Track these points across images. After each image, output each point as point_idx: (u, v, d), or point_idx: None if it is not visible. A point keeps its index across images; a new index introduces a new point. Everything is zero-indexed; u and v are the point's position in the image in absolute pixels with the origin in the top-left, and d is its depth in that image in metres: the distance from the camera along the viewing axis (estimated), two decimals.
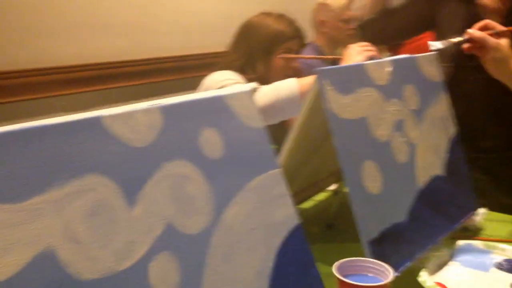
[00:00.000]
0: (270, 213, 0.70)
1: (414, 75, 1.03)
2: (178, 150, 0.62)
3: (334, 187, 1.34)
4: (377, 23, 1.54)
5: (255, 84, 0.76)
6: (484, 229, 1.08)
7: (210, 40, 2.32)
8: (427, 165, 0.98)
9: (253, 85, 0.76)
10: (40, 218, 0.49)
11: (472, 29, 1.06)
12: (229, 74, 1.41)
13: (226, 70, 1.45)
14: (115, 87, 2.04)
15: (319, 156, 1.06)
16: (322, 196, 1.35)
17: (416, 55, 1.06)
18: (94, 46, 1.97)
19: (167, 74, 2.24)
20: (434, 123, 1.04)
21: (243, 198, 0.67)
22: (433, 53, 1.11)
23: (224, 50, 1.58)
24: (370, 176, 0.83)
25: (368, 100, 0.88)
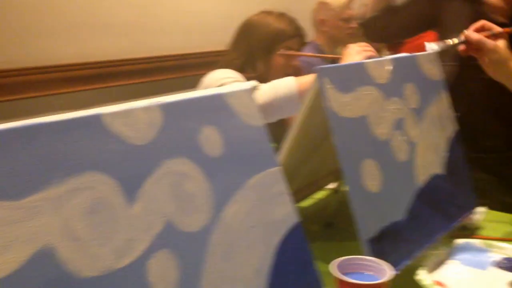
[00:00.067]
0: (269, 211, 0.70)
1: (415, 74, 1.03)
2: (177, 148, 0.62)
3: (333, 186, 1.34)
4: (379, 21, 1.52)
5: (255, 82, 0.76)
6: (483, 227, 1.08)
7: (210, 38, 2.32)
8: (427, 163, 0.98)
9: (253, 83, 0.76)
10: (39, 215, 0.49)
11: (468, 30, 1.05)
12: (228, 73, 1.41)
13: (226, 68, 1.45)
14: (115, 86, 2.04)
15: (319, 154, 1.06)
16: (321, 194, 1.35)
17: (416, 54, 1.06)
18: (95, 45, 1.97)
19: (168, 72, 2.24)
20: (434, 122, 1.04)
21: (243, 196, 0.67)
22: (434, 52, 1.10)
23: (224, 49, 1.58)
24: (370, 174, 0.83)
25: (368, 98, 0.88)
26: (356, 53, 1.30)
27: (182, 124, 0.64)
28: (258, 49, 1.47)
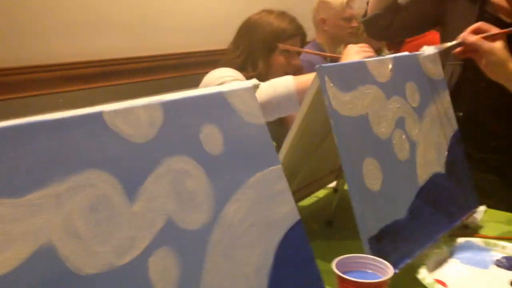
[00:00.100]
0: (270, 209, 0.70)
1: (416, 73, 1.03)
2: (178, 146, 0.62)
3: (333, 184, 1.34)
4: (382, 19, 1.49)
5: (256, 80, 0.76)
6: (484, 227, 1.08)
7: (212, 37, 2.32)
8: (428, 162, 0.98)
9: (254, 81, 0.76)
10: (40, 213, 0.49)
11: (465, 32, 1.04)
12: (228, 71, 1.41)
13: (227, 67, 1.45)
14: (117, 84, 2.05)
15: (320, 153, 1.06)
16: (321, 193, 1.35)
17: (417, 53, 1.06)
18: (97, 43, 1.98)
19: (169, 71, 2.24)
20: (435, 121, 1.04)
21: (244, 194, 0.67)
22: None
23: (226, 48, 1.58)
24: (371, 173, 0.83)
25: (369, 97, 0.88)
26: (355, 53, 1.30)
27: (183, 122, 0.64)
28: (259, 48, 1.47)
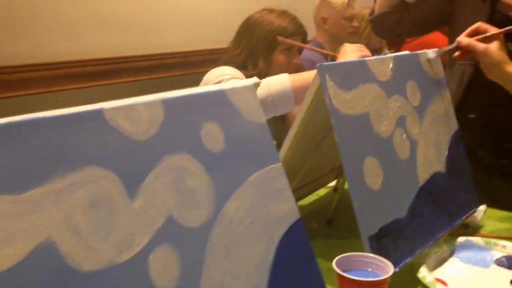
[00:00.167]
0: (270, 207, 0.70)
1: (417, 72, 1.03)
2: (179, 143, 0.62)
3: (334, 183, 1.34)
4: (390, 18, 1.46)
5: (256, 78, 0.75)
6: (484, 226, 1.08)
7: (213, 36, 2.32)
8: (428, 161, 0.98)
9: (255, 79, 0.76)
10: (40, 209, 0.49)
11: (461, 35, 1.03)
12: (227, 69, 1.41)
13: (227, 65, 1.45)
14: (118, 83, 2.05)
15: (320, 152, 1.06)
16: (322, 192, 1.35)
17: (418, 52, 1.06)
18: (97, 42, 1.98)
19: (170, 70, 2.24)
20: (435, 120, 1.04)
21: (244, 192, 0.67)
22: (435, 50, 1.10)
23: (226, 47, 1.58)
24: (371, 172, 0.83)
25: (370, 96, 0.88)
26: (351, 51, 1.30)
27: (184, 119, 0.64)
28: (259, 46, 1.47)
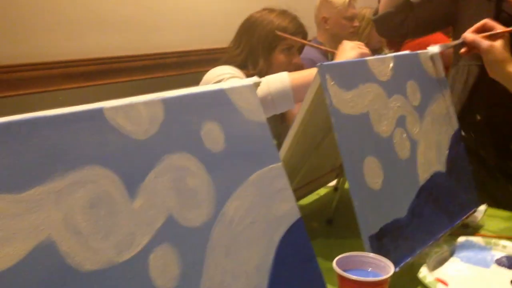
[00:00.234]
0: (271, 207, 0.70)
1: (417, 72, 1.02)
2: (179, 142, 0.62)
3: (334, 183, 1.34)
4: (395, 17, 1.44)
5: (257, 78, 0.75)
6: (485, 226, 1.08)
7: (212, 36, 2.32)
8: (429, 161, 0.98)
9: (255, 79, 0.76)
10: (40, 209, 0.49)
11: (467, 31, 1.03)
12: (227, 69, 1.41)
13: (227, 65, 1.45)
14: (117, 82, 2.04)
15: (320, 151, 1.06)
16: (322, 191, 1.35)
17: (418, 51, 1.05)
18: (96, 41, 1.97)
19: (169, 69, 2.24)
20: (436, 120, 1.04)
21: (244, 191, 0.67)
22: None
23: (226, 46, 1.57)
24: (372, 172, 0.83)
25: (370, 95, 0.88)
26: (350, 49, 1.30)
27: (184, 119, 0.64)
28: (260, 46, 1.47)
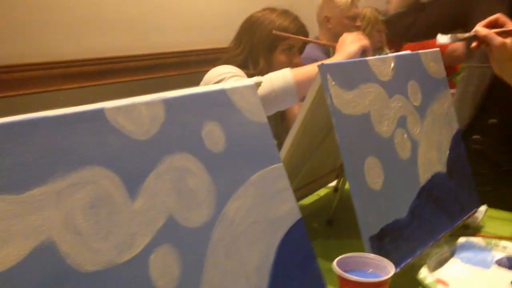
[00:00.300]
0: (271, 207, 0.70)
1: (418, 72, 1.02)
2: (180, 143, 0.62)
3: (334, 183, 1.34)
4: (405, 18, 1.43)
5: (258, 78, 0.75)
6: (485, 226, 1.08)
7: (213, 35, 2.32)
8: (429, 162, 0.98)
9: (256, 79, 0.76)
10: (40, 209, 0.48)
11: (479, 25, 1.00)
12: (228, 68, 1.41)
13: (228, 64, 1.44)
14: (117, 82, 2.04)
15: (321, 152, 1.06)
16: (322, 192, 1.35)
17: (420, 51, 1.05)
18: (96, 41, 1.97)
19: (169, 69, 2.24)
20: (436, 120, 1.04)
21: (245, 192, 0.67)
22: (436, 49, 1.09)
23: (226, 46, 1.57)
24: (372, 172, 0.83)
25: (371, 95, 0.88)
26: (350, 42, 1.29)
27: (185, 119, 0.64)
28: (260, 46, 1.47)
